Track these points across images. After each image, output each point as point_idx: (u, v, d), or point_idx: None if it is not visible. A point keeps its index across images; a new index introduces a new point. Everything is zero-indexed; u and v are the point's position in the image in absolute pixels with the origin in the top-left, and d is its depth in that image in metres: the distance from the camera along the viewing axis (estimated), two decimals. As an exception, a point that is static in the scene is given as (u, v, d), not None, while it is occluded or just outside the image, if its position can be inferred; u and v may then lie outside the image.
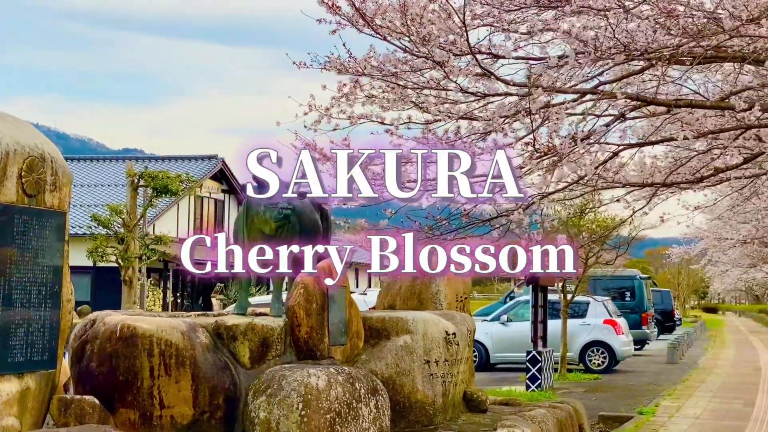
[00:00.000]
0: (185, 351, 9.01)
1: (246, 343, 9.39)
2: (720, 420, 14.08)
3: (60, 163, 8.91)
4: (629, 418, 14.06)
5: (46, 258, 8.63)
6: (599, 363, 22.80)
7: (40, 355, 8.60)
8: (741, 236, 30.46)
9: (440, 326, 10.89)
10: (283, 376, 8.83)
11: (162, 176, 31.73)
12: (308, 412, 8.57)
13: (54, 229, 8.77)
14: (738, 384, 20.24)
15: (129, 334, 8.98)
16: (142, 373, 8.96)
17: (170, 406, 9.00)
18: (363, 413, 8.97)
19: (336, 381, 8.85)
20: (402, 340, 10.57)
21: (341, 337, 9.98)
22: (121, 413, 8.99)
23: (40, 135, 8.86)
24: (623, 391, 18.23)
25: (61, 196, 8.90)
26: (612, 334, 22.78)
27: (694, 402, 16.38)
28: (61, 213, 8.90)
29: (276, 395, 8.71)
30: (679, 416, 14.42)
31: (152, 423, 8.98)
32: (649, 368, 24.32)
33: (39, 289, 8.57)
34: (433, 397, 10.59)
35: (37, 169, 8.55)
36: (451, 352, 10.92)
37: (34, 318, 8.52)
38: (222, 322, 9.48)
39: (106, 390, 8.97)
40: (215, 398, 9.10)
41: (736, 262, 58.58)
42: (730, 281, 75.09)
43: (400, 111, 11.87)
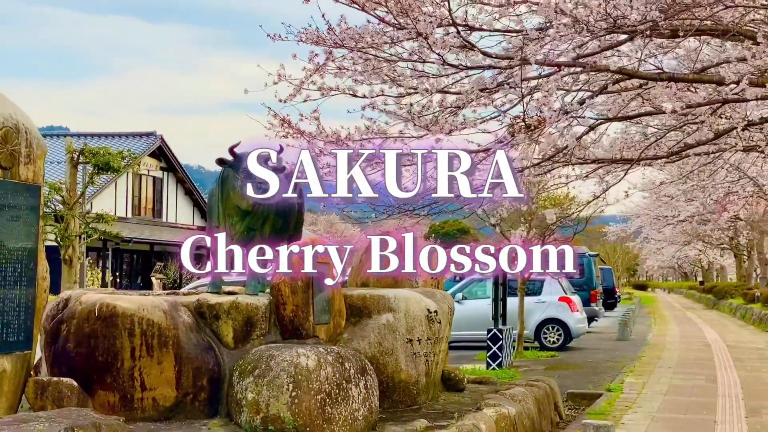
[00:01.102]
0: (168, 331, 8.65)
1: (230, 323, 9.06)
2: (688, 396, 14.06)
3: (34, 134, 8.48)
4: (598, 396, 13.97)
5: (22, 234, 8.22)
6: (554, 340, 22.75)
7: (16, 336, 8.21)
8: (688, 213, 30.70)
9: (422, 304, 10.64)
10: (271, 356, 8.52)
11: (103, 153, 31.07)
12: (299, 393, 8.28)
13: (29, 204, 8.35)
14: (693, 360, 20.34)
15: (108, 313, 8.59)
16: (123, 353, 8.58)
17: (152, 388, 8.64)
18: (353, 394, 8.70)
19: (326, 361, 8.57)
20: (384, 319, 10.30)
21: (325, 316, 9.68)
22: (100, 395, 8.61)
23: (14, 105, 8.42)
24: (583, 369, 18.19)
25: (35, 168, 8.48)
26: (567, 311, 22.74)
27: (657, 378, 16.37)
28: (36, 186, 8.48)
29: (264, 376, 8.40)
30: (648, 393, 14.36)
31: (133, 405, 8.62)
32: (601, 345, 24.36)
33: (14, 267, 8.16)
34: (416, 376, 10.35)
35: (11, 141, 8.12)
36: (433, 330, 10.68)
37: (9, 297, 8.11)
38: (204, 300, 9.13)
39: (84, 372, 8.58)
40: (199, 379, 8.76)
41: (672, 240, 59.58)
42: (665, 258, 76.33)
43: (373, 84, 11.60)
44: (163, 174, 49.62)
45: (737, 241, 56.91)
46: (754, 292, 43.99)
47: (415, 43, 10.41)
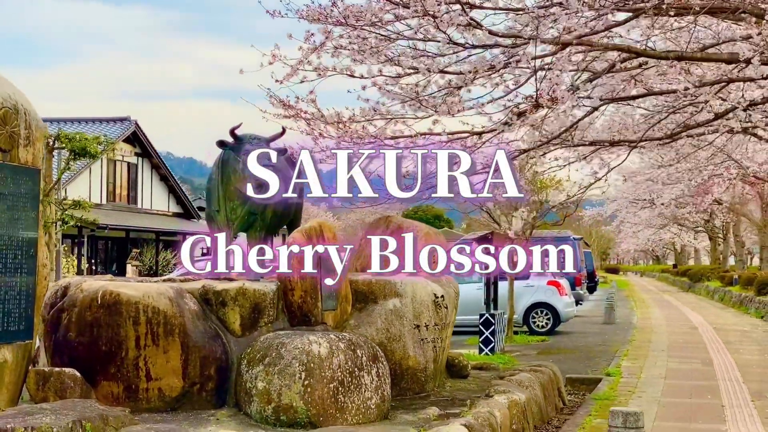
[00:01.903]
0: (174, 319, 8.35)
1: (236, 309, 8.77)
2: (689, 380, 13.90)
3: (33, 116, 8.16)
4: (597, 381, 13.79)
5: (21, 219, 7.92)
6: (543, 324, 22.54)
7: (17, 325, 7.93)
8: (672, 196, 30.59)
9: (428, 289, 10.40)
10: (281, 344, 8.24)
11: (80, 138, 30.51)
12: (311, 381, 8.01)
13: (29, 188, 8.05)
14: (684, 343, 20.23)
15: (112, 301, 8.28)
16: (127, 343, 8.27)
17: (158, 377, 8.35)
18: (365, 382, 8.44)
19: (338, 348, 8.30)
20: (391, 304, 10.05)
21: (331, 302, 9.41)
22: (104, 386, 8.30)
23: (12, 84, 8.09)
24: (575, 353, 18.01)
25: (34, 151, 8.17)
26: (556, 295, 22.52)
27: (652, 362, 16.21)
28: (36, 170, 8.17)
29: (275, 364, 8.12)
30: (647, 377, 14.20)
31: (138, 396, 8.33)
32: (589, 329, 24.21)
33: (15, 253, 7.87)
34: (424, 363, 10.11)
35: (10, 122, 7.81)
36: (440, 315, 10.44)
37: (11, 285, 7.83)
38: (210, 286, 8.83)
39: (87, 362, 8.27)
40: (206, 369, 8.47)
41: (648, 223, 59.70)
42: (639, 242, 76.51)
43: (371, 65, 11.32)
44: (137, 160, 49.03)
45: (713, 224, 57.02)
46: (732, 274, 44.02)
47: (421, 20, 10.13)
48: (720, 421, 10.46)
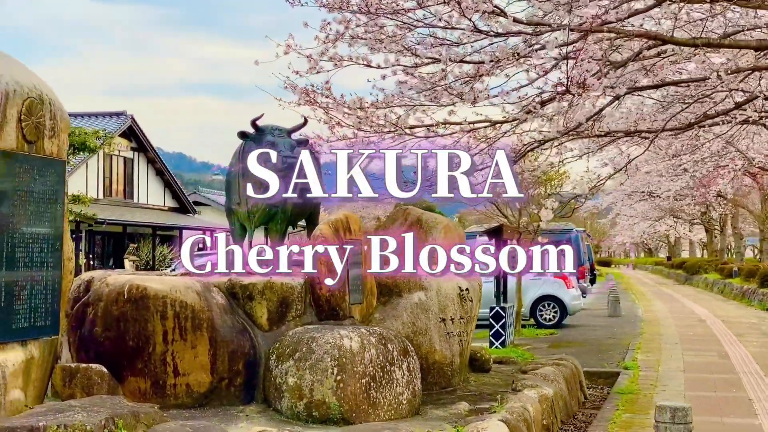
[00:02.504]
0: (202, 313, 8.19)
1: (264, 303, 8.60)
2: (709, 373, 13.77)
3: (58, 106, 7.96)
4: (616, 374, 13.66)
5: (48, 212, 7.72)
6: (550, 318, 22.39)
7: (44, 320, 7.73)
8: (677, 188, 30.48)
9: (454, 281, 10.23)
10: (312, 338, 8.07)
11: (79, 132, 30.30)
12: (344, 376, 7.84)
13: (54, 180, 7.85)
14: (695, 336, 20.12)
15: (139, 295, 8.11)
16: (155, 337, 8.11)
17: (186, 373, 8.18)
18: (396, 377, 8.28)
19: (369, 342, 8.14)
20: (416, 297, 9.89)
21: (358, 295, 9.25)
22: (131, 382, 8.14)
23: (36, 75, 7.90)
24: (586, 346, 17.86)
25: (59, 142, 7.97)
26: (563, 288, 22.36)
27: (668, 355, 16.09)
28: (61, 162, 7.98)
29: (306, 359, 7.96)
30: (665, 370, 14.08)
31: (165, 392, 8.16)
32: (595, 322, 24.08)
33: (41, 247, 7.67)
34: (451, 357, 9.96)
35: (36, 112, 7.61)
36: (465, 308, 10.29)
37: (37, 279, 7.63)
38: (237, 280, 8.65)
39: (114, 357, 8.11)
40: (235, 364, 8.30)
41: (645, 216, 59.66)
42: (634, 234, 76.50)
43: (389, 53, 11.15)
44: (133, 154, 48.75)
45: (709, 215, 56.98)
46: (731, 267, 43.99)
47: (445, 6, 9.96)
48: (751, 415, 10.34)
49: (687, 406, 7.16)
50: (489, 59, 10.53)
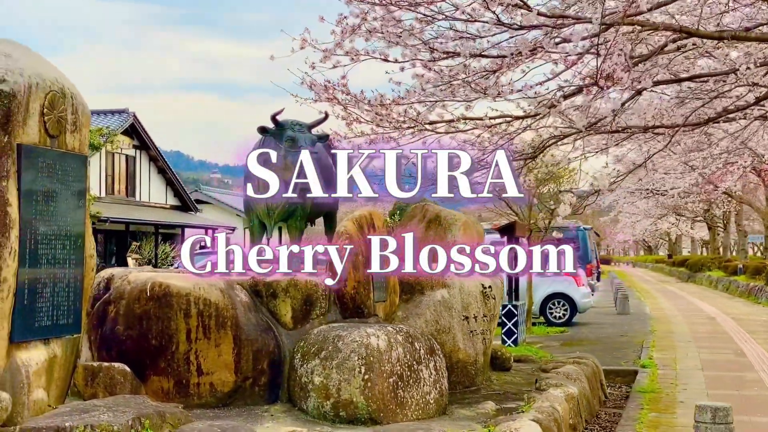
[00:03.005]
0: (226, 311, 8.03)
1: (288, 301, 8.45)
2: (728, 371, 13.64)
3: (80, 100, 7.80)
4: (633, 372, 13.51)
5: (70, 208, 7.55)
6: (560, 315, 22.22)
7: (66, 318, 7.55)
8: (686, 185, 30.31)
9: (476, 279, 10.07)
10: (338, 337, 7.92)
11: (83, 129, 30.12)
12: (371, 375, 7.69)
13: (76, 175, 7.67)
14: (707, 334, 19.98)
15: (162, 292, 7.96)
16: (178, 336, 7.96)
17: (209, 372, 8.03)
18: (424, 375, 8.13)
19: (396, 341, 7.99)
20: (439, 295, 9.74)
21: (382, 293, 9.09)
22: (153, 381, 7.99)
23: (57, 68, 7.73)
24: (599, 344, 17.69)
25: (81, 137, 7.80)
26: (573, 285, 22.15)
27: (684, 353, 15.95)
28: (83, 156, 7.81)
29: (332, 358, 7.80)
30: (683, 368, 13.93)
31: (189, 391, 8.01)
32: (604, 320, 23.92)
33: (63, 243, 7.49)
34: (474, 356, 9.81)
35: (58, 106, 7.44)
36: (488, 306, 10.14)
37: (59, 276, 7.45)
38: (260, 278, 8.49)
39: (136, 356, 7.96)
40: (259, 363, 8.15)
41: (647, 213, 59.49)
42: (636, 232, 76.36)
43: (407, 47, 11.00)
44: (135, 152, 48.54)
45: (712, 213, 56.85)
46: (735, 264, 43.82)
47: (471, 0, 9.82)
48: (782, 413, 10.21)
49: (728, 406, 7.02)
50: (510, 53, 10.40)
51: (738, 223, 50.81)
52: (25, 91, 7.08)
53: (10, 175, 6.93)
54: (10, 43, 7.48)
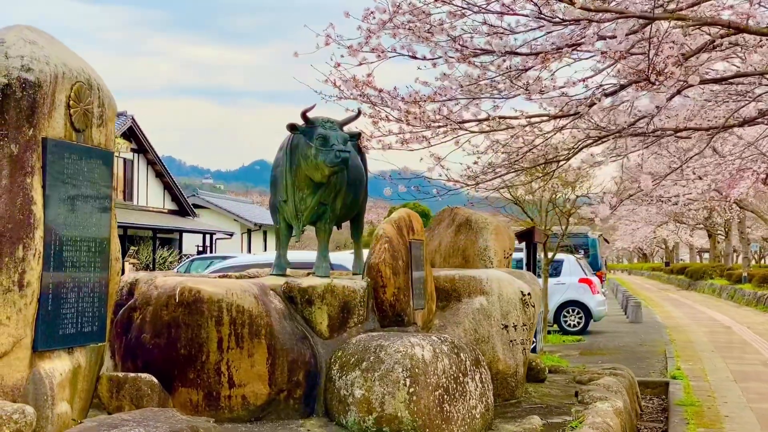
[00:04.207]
0: (260, 318, 7.51)
1: (324, 308, 7.92)
2: (764, 382, 13.16)
3: (106, 93, 7.27)
4: (662, 384, 13.04)
5: (96, 207, 7.02)
6: (575, 324, 21.74)
7: (91, 326, 7.03)
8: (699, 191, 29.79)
9: (515, 286, 9.59)
10: (380, 347, 7.41)
11: (83, 131, 29.59)
12: (417, 388, 7.17)
13: (102, 173, 7.14)
14: (728, 343, 19.53)
15: (192, 298, 7.43)
16: (209, 345, 7.43)
17: (242, 384, 7.50)
18: (470, 389, 7.63)
19: (441, 351, 7.48)
20: (477, 303, 9.24)
21: (421, 300, 8.59)
22: (181, 393, 7.46)
23: (82, 58, 7.22)
24: (620, 354, 17.21)
25: (107, 132, 7.28)
26: (588, 293, 21.69)
27: (710, 364, 15.48)
28: (109, 153, 7.28)
29: (374, 369, 7.29)
30: (715, 380, 13.46)
31: (219, 404, 7.48)
32: (618, 328, 23.44)
33: (89, 245, 6.97)
34: (515, 367, 9.31)
35: (85, 98, 6.92)
36: (528, 314, 9.63)
37: (84, 281, 6.92)
38: (295, 283, 7.98)
39: (163, 366, 7.43)
40: (295, 374, 7.62)
41: (647, 221, 59.04)
42: (636, 240, 75.99)
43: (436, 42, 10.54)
44: (133, 156, 48.03)
45: (713, 220, 56.44)
46: (739, 272, 43.43)
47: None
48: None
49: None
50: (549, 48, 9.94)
51: (741, 231, 50.39)
52: (51, 81, 6.56)
53: (35, 171, 6.42)
54: (34, 30, 6.96)
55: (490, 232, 10.73)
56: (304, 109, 9.09)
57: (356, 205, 9.75)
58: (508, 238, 11.19)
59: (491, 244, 10.80)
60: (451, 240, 10.91)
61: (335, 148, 8.62)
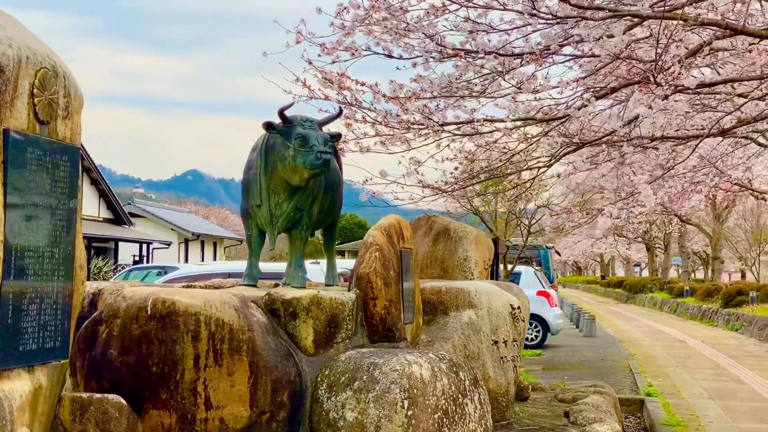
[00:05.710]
0: (241, 333, 6.78)
1: (310, 322, 7.22)
2: (741, 401, 12.81)
3: (72, 82, 6.50)
4: (637, 401, 12.55)
5: (61, 209, 6.26)
6: (533, 337, 21.20)
7: (53, 341, 6.25)
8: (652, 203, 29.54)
9: (504, 299, 8.98)
10: (373, 365, 6.74)
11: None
12: (415, 411, 6.52)
13: (68, 170, 6.38)
14: (688, 359, 19.19)
15: (165, 311, 6.68)
16: (184, 362, 6.67)
17: (220, 405, 6.75)
18: (469, 410, 6.99)
19: (440, 370, 6.83)
20: (466, 316, 8.61)
21: (410, 314, 7.93)
22: (153, 416, 6.70)
23: (46, 44, 6.46)
24: (583, 369, 16.73)
25: (73, 125, 6.52)
26: (546, 306, 21.14)
27: (680, 381, 15.08)
28: (75, 148, 6.51)
29: (368, 390, 6.61)
30: (690, 397, 13.05)
31: (194, 428, 6.72)
32: (574, 342, 22.99)
33: (51, 252, 6.19)
34: (506, 385, 8.69)
35: (50, 87, 6.15)
36: (518, 329, 9.02)
37: (46, 291, 6.14)
38: (278, 295, 7.27)
39: (132, 386, 6.66)
40: (278, 394, 6.91)
41: (588, 234, 59.04)
42: (576, 253, 76.12)
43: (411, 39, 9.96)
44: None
45: (651, 234, 56.62)
46: (681, 286, 43.47)
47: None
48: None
49: None
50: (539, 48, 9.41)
51: (682, 245, 50.56)
52: (15, 65, 5.79)
53: (-5, 166, 5.68)
54: (-6, 8, 6.22)
55: (470, 241, 10.12)
56: (281, 107, 8.37)
57: (333, 211, 9.06)
58: (487, 249, 10.59)
59: (472, 254, 10.19)
60: (428, 249, 10.27)
61: (315, 149, 7.92)
